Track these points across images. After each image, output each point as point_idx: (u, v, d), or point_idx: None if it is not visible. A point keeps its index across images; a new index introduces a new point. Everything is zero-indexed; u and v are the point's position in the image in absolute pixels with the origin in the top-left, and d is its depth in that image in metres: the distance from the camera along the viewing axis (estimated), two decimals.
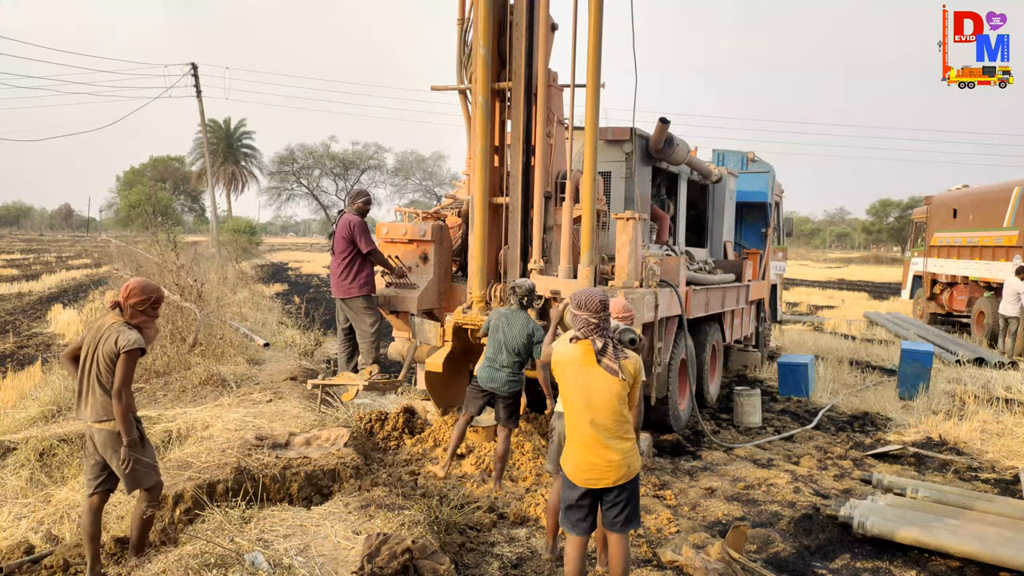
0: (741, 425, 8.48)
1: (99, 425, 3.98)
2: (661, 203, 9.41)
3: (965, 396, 9.37)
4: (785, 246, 14.96)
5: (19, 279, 25.10)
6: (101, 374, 3.96)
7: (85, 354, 4.02)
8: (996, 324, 14.41)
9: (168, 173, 76.47)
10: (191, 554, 3.91)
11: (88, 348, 4.02)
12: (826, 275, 42.86)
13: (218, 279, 18.15)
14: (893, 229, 76.74)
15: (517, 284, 5.84)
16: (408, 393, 8.77)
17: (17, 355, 11.56)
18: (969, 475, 6.80)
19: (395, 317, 7.24)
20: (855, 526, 5.18)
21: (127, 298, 4.04)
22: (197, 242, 33.01)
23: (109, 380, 3.95)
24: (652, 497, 5.90)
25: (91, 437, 4.04)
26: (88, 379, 4.00)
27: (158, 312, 4.19)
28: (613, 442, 3.73)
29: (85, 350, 4.03)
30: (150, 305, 4.08)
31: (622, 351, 3.84)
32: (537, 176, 6.60)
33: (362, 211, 7.09)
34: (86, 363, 4.01)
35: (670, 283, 7.26)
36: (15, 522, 4.83)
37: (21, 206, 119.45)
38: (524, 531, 5.21)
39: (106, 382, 3.96)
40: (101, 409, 3.97)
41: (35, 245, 57.82)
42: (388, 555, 3.80)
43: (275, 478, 5.12)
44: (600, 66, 6.19)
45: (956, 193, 18.15)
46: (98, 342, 3.98)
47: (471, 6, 6.94)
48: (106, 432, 3.97)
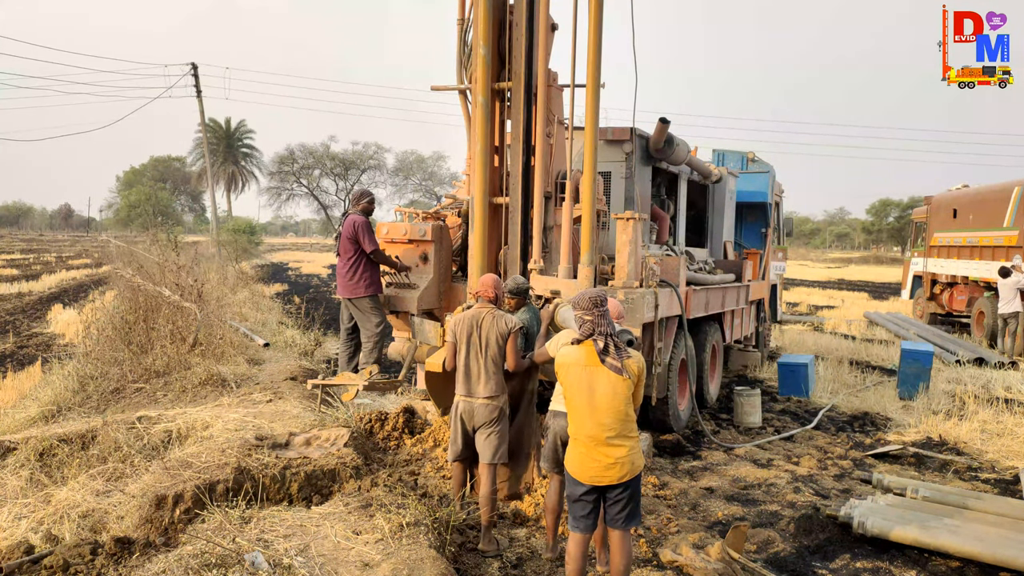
0: (741, 425, 8.48)
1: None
2: (661, 203, 9.41)
3: (965, 396, 9.37)
4: (785, 246, 14.96)
5: (19, 279, 25.10)
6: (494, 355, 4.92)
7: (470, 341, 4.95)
8: (996, 324, 14.41)
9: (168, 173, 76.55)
10: (191, 554, 3.91)
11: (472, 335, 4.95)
12: (826, 275, 42.85)
13: (218, 279, 18.14)
14: (893, 229, 76.73)
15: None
16: (408, 393, 8.77)
17: (17, 355, 11.57)
18: (969, 475, 6.80)
19: (395, 317, 7.24)
20: (855, 526, 5.18)
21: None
22: (197, 242, 32.97)
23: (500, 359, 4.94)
24: (652, 497, 5.90)
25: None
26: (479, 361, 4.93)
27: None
28: (617, 440, 3.79)
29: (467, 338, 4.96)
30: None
31: (625, 351, 3.87)
32: (537, 176, 6.60)
33: (367, 211, 7.10)
34: (471, 350, 4.95)
35: (670, 283, 7.26)
36: (15, 522, 4.83)
37: (21, 206, 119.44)
38: (524, 531, 5.21)
39: (498, 361, 4.94)
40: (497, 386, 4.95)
41: (35, 245, 57.80)
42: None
43: (275, 478, 5.12)
44: (600, 66, 6.18)
45: (956, 193, 18.15)
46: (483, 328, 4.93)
47: (471, 6, 6.94)
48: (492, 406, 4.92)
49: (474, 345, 4.96)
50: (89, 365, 8.96)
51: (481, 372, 4.94)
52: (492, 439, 4.95)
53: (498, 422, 4.97)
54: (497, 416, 4.96)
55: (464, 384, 5.01)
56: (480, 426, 4.97)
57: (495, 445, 4.95)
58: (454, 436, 5.11)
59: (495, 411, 4.95)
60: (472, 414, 4.98)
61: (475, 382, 4.96)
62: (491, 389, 4.93)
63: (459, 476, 5.26)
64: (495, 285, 5.12)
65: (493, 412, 4.94)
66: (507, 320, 4.99)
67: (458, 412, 5.04)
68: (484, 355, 4.93)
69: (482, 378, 4.94)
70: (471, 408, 4.98)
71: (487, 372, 4.93)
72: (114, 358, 9.00)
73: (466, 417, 5.01)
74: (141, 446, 5.96)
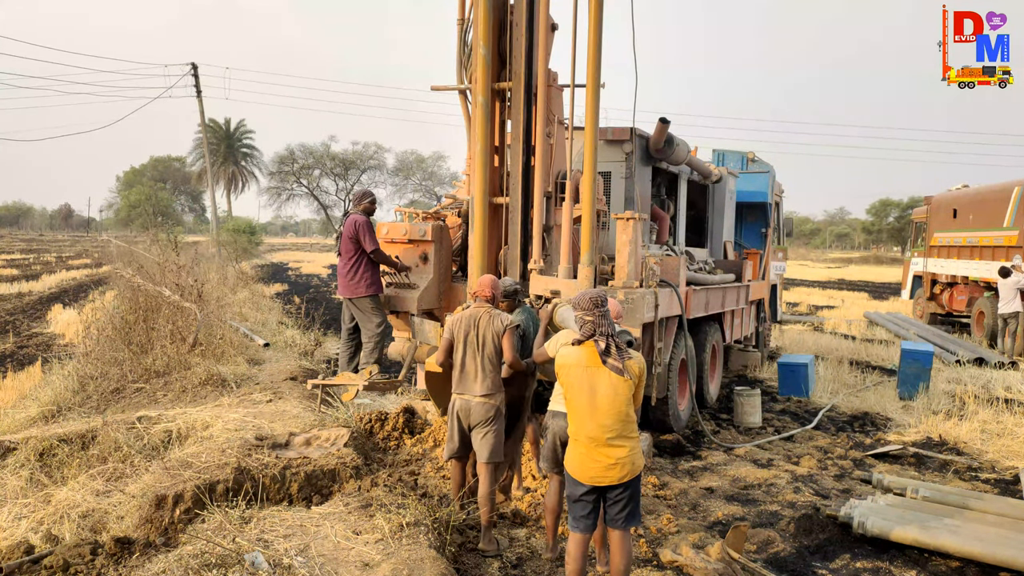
0: (741, 425, 8.48)
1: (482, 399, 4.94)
2: (661, 203, 9.41)
3: (965, 396, 9.37)
4: (785, 246, 14.96)
5: (19, 279, 25.10)
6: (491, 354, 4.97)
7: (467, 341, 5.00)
8: (996, 324, 14.41)
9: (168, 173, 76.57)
10: (191, 554, 3.91)
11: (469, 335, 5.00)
12: (826, 275, 42.85)
13: (218, 279, 18.12)
14: (893, 229, 76.70)
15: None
16: (408, 393, 8.77)
17: (17, 355, 11.57)
18: (969, 475, 6.80)
19: (395, 317, 7.24)
20: (855, 526, 5.18)
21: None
22: (197, 242, 32.99)
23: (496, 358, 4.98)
24: (652, 497, 5.90)
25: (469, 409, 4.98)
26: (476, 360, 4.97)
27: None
28: (618, 441, 3.80)
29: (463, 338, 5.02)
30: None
31: (626, 351, 3.88)
32: (537, 176, 6.60)
33: (368, 211, 7.09)
34: (468, 349, 4.99)
35: (670, 283, 7.26)
36: (15, 522, 4.83)
37: (21, 206, 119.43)
38: (524, 531, 5.21)
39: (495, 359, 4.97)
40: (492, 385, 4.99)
41: (35, 245, 57.81)
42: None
43: (275, 478, 5.12)
44: (600, 66, 6.18)
45: (956, 193, 18.15)
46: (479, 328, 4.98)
47: (471, 6, 6.93)
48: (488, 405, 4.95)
49: (471, 344, 4.99)
50: (89, 365, 8.96)
51: (478, 371, 4.97)
52: (488, 438, 4.96)
53: (494, 421, 4.99)
54: (493, 415, 4.98)
55: (460, 383, 5.05)
56: (476, 425, 4.99)
57: (492, 444, 4.96)
58: (450, 434, 5.14)
59: (491, 410, 4.97)
60: (468, 412, 5.00)
61: (471, 380, 4.99)
62: (487, 387, 4.96)
63: (457, 475, 5.28)
64: (492, 285, 5.18)
65: (489, 411, 4.96)
66: (503, 318, 5.03)
67: (454, 410, 5.07)
68: (481, 354, 4.96)
69: (479, 377, 4.97)
70: (467, 406, 5.00)
71: (483, 371, 4.96)
72: (114, 358, 9.00)
73: (462, 415, 5.04)
74: (141, 446, 5.96)
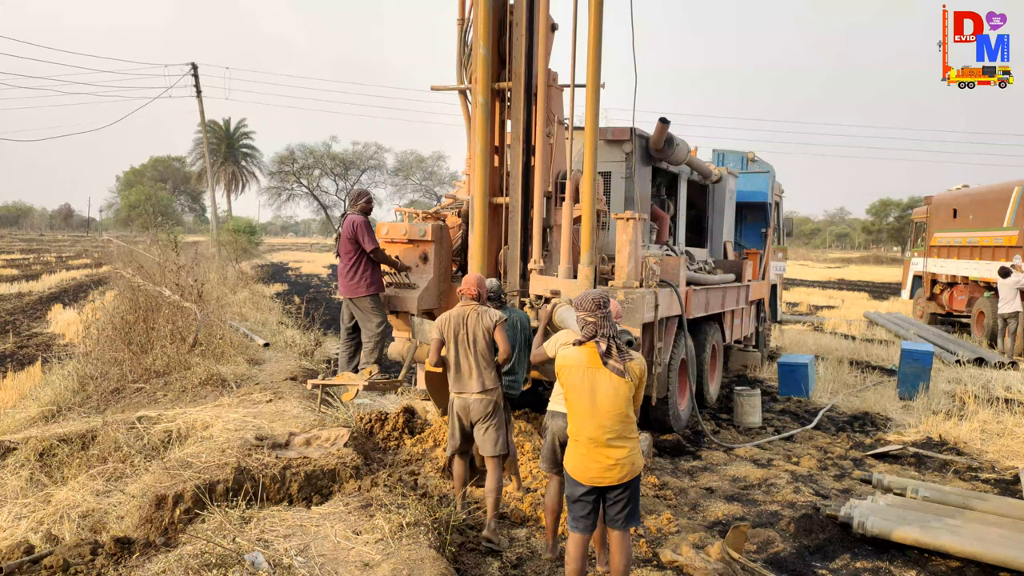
0: (741, 425, 8.48)
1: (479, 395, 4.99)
2: (661, 203, 9.41)
3: (965, 396, 9.37)
4: (785, 246, 14.96)
5: (19, 279, 25.10)
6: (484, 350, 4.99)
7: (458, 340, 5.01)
8: (996, 324, 14.41)
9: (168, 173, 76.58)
10: (191, 554, 3.91)
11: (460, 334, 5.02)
12: (826, 275, 42.86)
13: (218, 279, 18.14)
14: (893, 229, 76.71)
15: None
16: (408, 393, 8.77)
17: (17, 355, 11.57)
18: (969, 475, 6.80)
19: (395, 317, 7.24)
20: (855, 526, 5.18)
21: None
22: (197, 242, 33.00)
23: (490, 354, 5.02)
24: (652, 497, 5.90)
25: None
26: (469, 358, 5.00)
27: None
28: (618, 442, 3.80)
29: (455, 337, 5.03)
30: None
31: (627, 353, 3.88)
32: (537, 176, 6.60)
33: (365, 211, 7.09)
34: (460, 347, 5.01)
35: (670, 283, 7.26)
36: (15, 522, 4.83)
37: (21, 206, 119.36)
38: (524, 531, 5.21)
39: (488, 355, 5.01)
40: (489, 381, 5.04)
41: (35, 245, 57.79)
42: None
43: (275, 478, 5.12)
44: (600, 66, 6.18)
45: (956, 193, 18.16)
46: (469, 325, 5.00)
47: (471, 6, 6.94)
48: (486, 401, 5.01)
49: (462, 342, 5.06)
50: (89, 365, 8.96)
51: (472, 368, 5.05)
52: (491, 432, 5.06)
53: (494, 415, 5.08)
54: (492, 410, 5.07)
55: (456, 382, 5.12)
56: (477, 421, 5.08)
57: (494, 437, 5.05)
58: (452, 431, 5.22)
59: (489, 405, 5.06)
60: (467, 410, 5.09)
61: (466, 379, 5.07)
62: (483, 384, 5.05)
63: (460, 473, 5.34)
64: (477, 283, 5.24)
65: (488, 406, 5.05)
66: (491, 315, 5.10)
67: (454, 409, 5.16)
68: (473, 351, 5.04)
69: (473, 374, 5.05)
70: (466, 404, 5.08)
71: (477, 368, 5.04)
72: (114, 358, 9.00)
73: (462, 413, 5.13)
74: (141, 446, 5.96)
